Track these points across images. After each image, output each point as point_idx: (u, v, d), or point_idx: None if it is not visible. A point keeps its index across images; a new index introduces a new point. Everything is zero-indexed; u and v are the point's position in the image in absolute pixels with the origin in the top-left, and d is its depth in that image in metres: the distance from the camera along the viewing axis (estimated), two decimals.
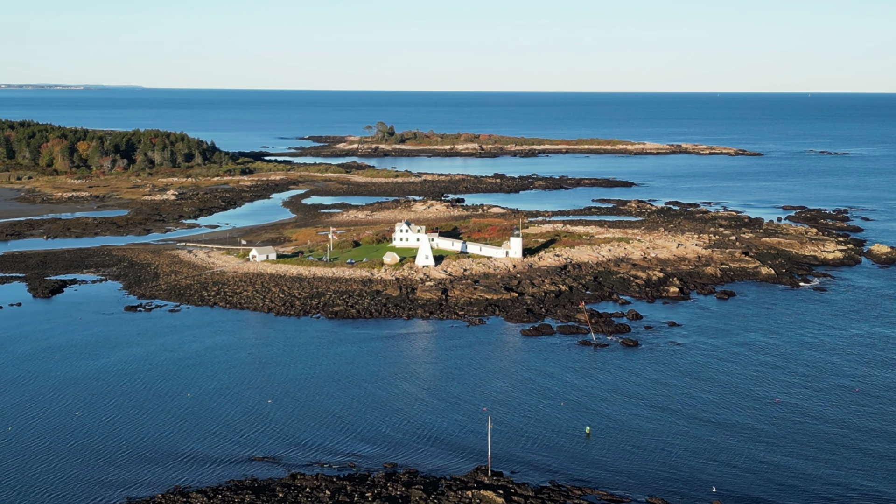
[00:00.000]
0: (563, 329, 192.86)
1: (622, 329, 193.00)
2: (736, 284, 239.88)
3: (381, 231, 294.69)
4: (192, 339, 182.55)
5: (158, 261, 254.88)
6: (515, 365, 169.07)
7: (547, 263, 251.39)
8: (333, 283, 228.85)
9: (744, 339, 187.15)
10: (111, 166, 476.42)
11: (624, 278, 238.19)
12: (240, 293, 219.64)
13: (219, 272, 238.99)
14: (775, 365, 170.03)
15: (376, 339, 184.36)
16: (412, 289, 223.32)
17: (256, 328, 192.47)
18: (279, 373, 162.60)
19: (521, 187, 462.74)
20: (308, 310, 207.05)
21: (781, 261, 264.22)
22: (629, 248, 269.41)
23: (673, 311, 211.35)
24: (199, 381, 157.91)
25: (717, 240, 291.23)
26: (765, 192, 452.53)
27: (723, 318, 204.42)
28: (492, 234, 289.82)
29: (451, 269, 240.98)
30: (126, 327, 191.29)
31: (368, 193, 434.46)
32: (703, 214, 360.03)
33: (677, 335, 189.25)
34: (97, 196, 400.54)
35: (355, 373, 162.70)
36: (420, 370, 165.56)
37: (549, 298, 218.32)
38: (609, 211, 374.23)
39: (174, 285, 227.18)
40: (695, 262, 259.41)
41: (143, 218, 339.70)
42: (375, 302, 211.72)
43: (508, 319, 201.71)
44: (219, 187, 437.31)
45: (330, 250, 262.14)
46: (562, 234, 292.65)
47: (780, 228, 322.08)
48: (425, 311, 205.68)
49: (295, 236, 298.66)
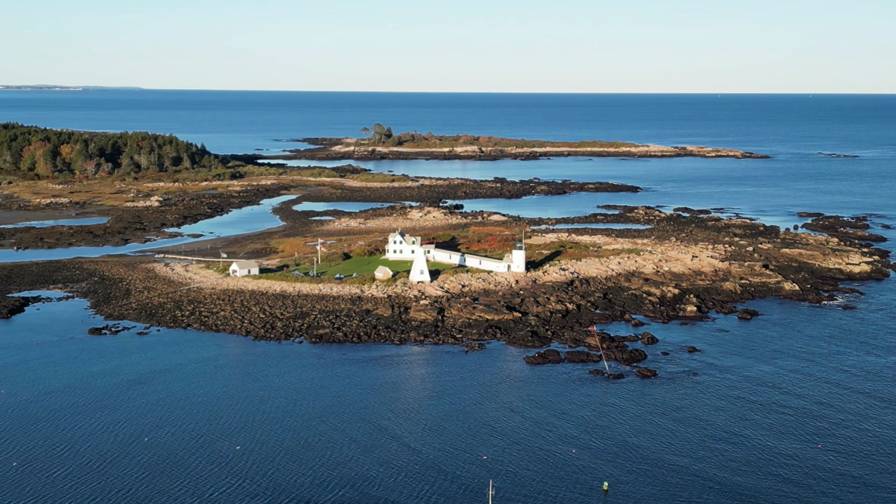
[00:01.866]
0: (572, 356, 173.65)
1: (637, 356, 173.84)
2: (757, 302, 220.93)
3: (373, 242, 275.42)
4: (157, 370, 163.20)
5: (132, 275, 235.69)
6: (520, 400, 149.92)
7: (552, 278, 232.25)
8: (319, 301, 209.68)
9: (774, 368, 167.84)
10: (95, 170, 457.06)
11: (636, 295, 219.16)
12: (216, 313, 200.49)
13: (195, 289, 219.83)
14: (814, 400, 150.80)
15: (364, 369, 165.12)
16: (405, 308, 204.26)
17: (231, 355, 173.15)
18: (251, 412, 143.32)
19: (523, 192, 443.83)
20: (290, 332, 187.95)
21: (804, 274, 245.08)
22: (640, 261, 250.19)
23: (691, 333, 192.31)
24: (160, 422, 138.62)
25: (733, 251, 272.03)
26: (777, 198, 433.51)
27: (747, 342, 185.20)
28: (492, 245, 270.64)
29: (448, 286, 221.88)
30: (86, 355, 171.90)
31: (363, 199, 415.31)
32: (716, 222, 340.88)
33: (698, 363, 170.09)
34: (77, 202, 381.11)
35: (337, 412, 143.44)
36: (412, 408, 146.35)
37: (556, 319, 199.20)
38: (615, 218, 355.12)
39: (146, 304, 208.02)
40: (711, 276, 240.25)
41: (122, 226, 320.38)
42: (365, 323, 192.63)
43: (511, 343, 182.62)
44: (206, 193, 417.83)
45: (317, 264, 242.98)
46: (567, 244, 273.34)
47: (799, 238, 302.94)
48: (419, 334, 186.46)
49: (282, 247, 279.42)
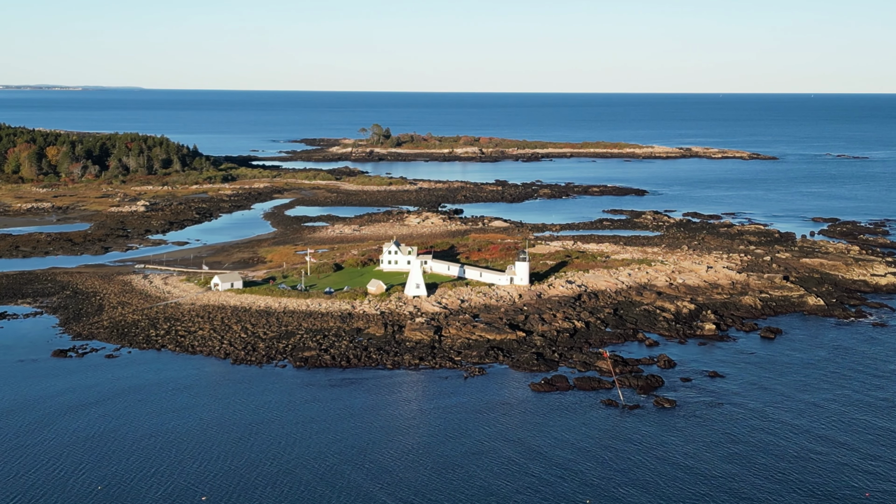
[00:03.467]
0: (583, 382, 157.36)
1: (654, 383, 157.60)
2: (780, 318, 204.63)
3: (367, 251, 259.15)
4: (121, 401, 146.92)
5: (107, 289, 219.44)
6: (526, 437, 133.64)
7: (558, 292, 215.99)
8: (307, 318, 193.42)
9: (806, 398, 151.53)
10: (82, 173, 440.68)
11: (649, 311, 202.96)
12: (194, 332, 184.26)
13: (173, 304, 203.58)
14: (857, 436, 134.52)
15: (352, 398, 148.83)
16: (399, 326, 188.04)
17: (206, 383, 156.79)
18: (222, 454, 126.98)
19: (525, 196, 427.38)
20: (273, 354, 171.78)
21: (828, 287, 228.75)
22: (652, 273, 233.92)
23: (711, 354, 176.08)
24: (117, 466, 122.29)
25: (749, 261, 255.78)
26: (790, 202, 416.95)
27: (773, 366, 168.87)
28: (493, 255, 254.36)
29: (446, 301, 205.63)
30: (45, 381, 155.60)
31: (359, 203, 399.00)
32: (728, 228, 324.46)
33: (722, 392, 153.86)
34: (59, 207, 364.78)
35: (318, 454, 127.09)
36: (404, 451, 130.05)
37: (563, 339, 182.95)
38: (622, 224, 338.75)
39: (118, 321, 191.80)
40: (729, 289, 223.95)
41: (104, 233, 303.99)
42: (355, 344, 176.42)
43: (515, 367, 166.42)
44: (195, 196, 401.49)
45: (307, 276, 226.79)
46: (573, 254, 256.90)
47: (818, 246, 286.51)
48: (414, 357, 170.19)
49: (270, 257, 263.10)
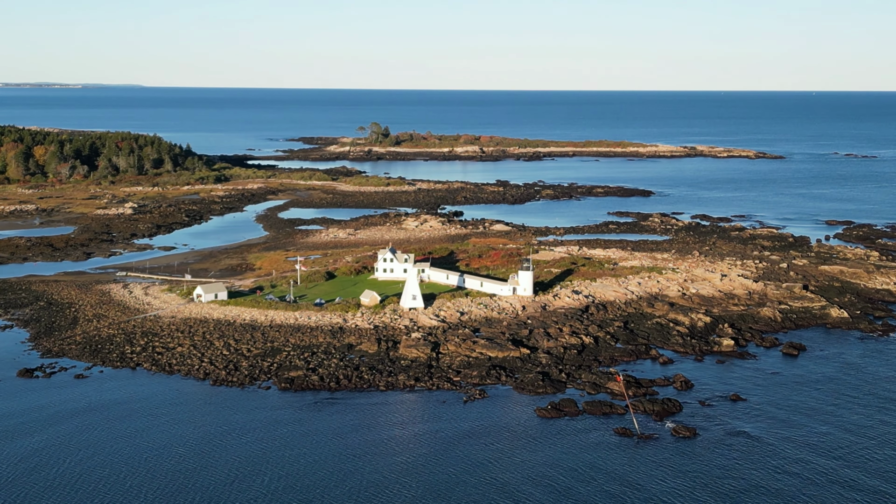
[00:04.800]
0: (593, 407, 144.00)
1: (670, 407, 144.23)
2: (802, 332, 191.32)
3: (361, 258, 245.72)
4: (82, 433, 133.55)
5: (84, 299, 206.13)
6: (533, 471, 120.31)
7: (564, 303, 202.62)
8: (295, 333, 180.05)
9: (838, 423, 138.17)
10: (70, 174, 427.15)
11: (662, 325, 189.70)
12: (172, 349, 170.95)
13: (152, 317, 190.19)
14: None
15: (341, 426, 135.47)
16: (394, 342, 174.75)
17: (180, 410, 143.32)
18: (180, 485, 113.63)
19: (527, 197, 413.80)
20: (257, 374, 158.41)
21: (851, 297, 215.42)
22: (663, 282, 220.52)
23: (730, 373, 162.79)
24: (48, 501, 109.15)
25: (765, 268, 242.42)
26: (800, 203, 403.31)
27: (801, 388, 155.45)
28: (495, 262, 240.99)
29: (444, 313, 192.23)
30: (5, 407, 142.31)
31: (355, 205, 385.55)
32: (739, 232, 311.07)
33: (745, 417, 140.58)
34: (44, 210, 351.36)
35: (300, 489, 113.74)
36: (399, 485, 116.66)
37: (570, 356, 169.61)
38: (629, 227, 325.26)
39: (92, 336, 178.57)
40: (746, 300, 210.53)
41: (87, 237, 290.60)
42: (345, 363, 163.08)
43: (518, 389, 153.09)
44: (186, 198, 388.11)
45: (296, 285, 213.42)
46: (579, 261, 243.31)
47: (835, 251, 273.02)
48: (409, 378, 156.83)
49: (259, 263, 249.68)
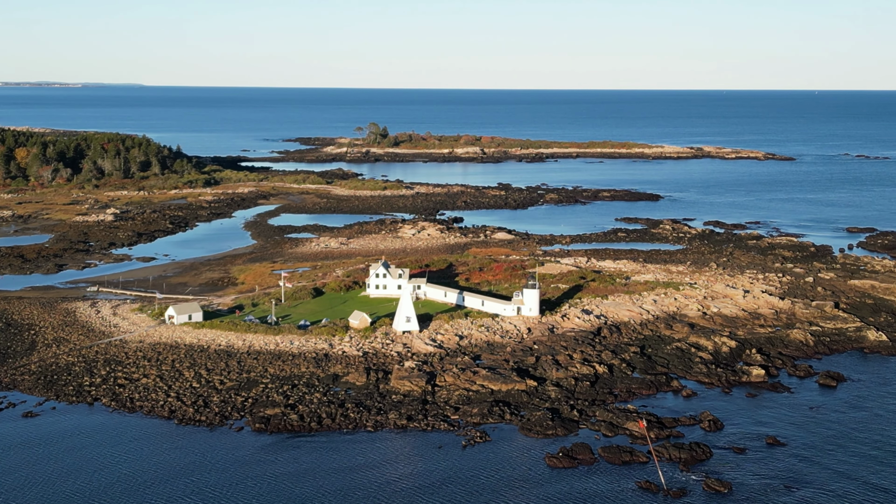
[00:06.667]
0: (611, 454, 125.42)
1: (699, 454, 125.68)
2: (836, 358, 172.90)
3: (353, 272, 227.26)
4: (18, 497, 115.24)
5: (46, 320, 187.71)
6: None
7: (573, 325, 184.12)
8: (274, 361, 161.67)
9: (894, 475, 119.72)
10: (52, 177, 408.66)
11: (682, 350, 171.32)
12: (137, 380, 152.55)
13: (118, 342, 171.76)
14: None
15: (320, 480, 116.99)
16: (385, 372, 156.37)
17: (137, 458, 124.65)
18: None
19: (530, 202, 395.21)
20: (229, 412, 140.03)
21: (887, 317, 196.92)
22: (681, 299, 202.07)
23: (763, 410, 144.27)
24: None
25: (789, 282, 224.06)
26: (817, 208, 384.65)
27: (843, 427, 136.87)
28: (497, 276, 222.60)
29: (441, 337, 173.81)
30: None
31: (350, 210, 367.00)
32: (757, 241, 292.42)
33: (785, 467, 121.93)
34: (21, 216, 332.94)
35: None
36: None
37: (582, 388, 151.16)
38: (639, 236, 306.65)
39: (49, 365, 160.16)
40: (772, 320, 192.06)
41: (63, 247, 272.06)
42: (329, 398, 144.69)
43: (525, 430, 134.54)
44: (172, 203, 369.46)
45: (280, 304, 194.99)
46: (588, 275, 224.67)
47: (861, 262, 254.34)
48: (401, 416, 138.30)
49: (243, 277, 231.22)
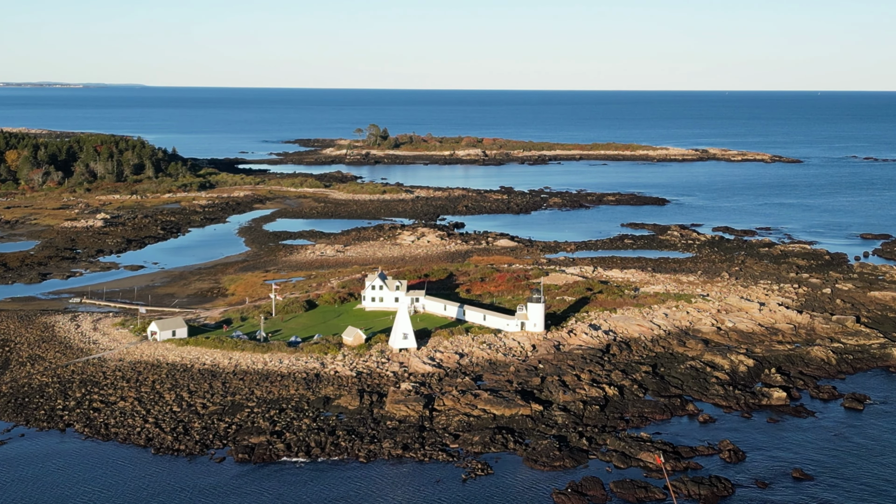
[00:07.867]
0: (624, 490, 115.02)
1: (720, 490, 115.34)
2: (860, 377, 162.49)
3: (348, 282, 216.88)
4: None
5: (22, 336, 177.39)
6: None
7: (581, 341, 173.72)
8: (262, 382, 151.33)
9: None
10: (43, 180, 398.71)
11: (697, 369, 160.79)
12: (113, 404, 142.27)
13: (97, 360, 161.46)
14: None
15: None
16: (380, 395, 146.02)
17: (108, 490, 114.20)
18: None
19: (533, 206, 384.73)
20: (210, 440, 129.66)
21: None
22: (693, 313, 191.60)
23: (787, 438, 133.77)
24: None
25: (806, 294, 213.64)
26: (828, 213, 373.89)
27: (873, 456, 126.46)
28: (499, 287, 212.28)
29: (440, 356, 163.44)
30: None
31: (348, 215, 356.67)
32: (769, 248, 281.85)
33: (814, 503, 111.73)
34: (7, 221, 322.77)
35: None
36: None
37: (591, 413, 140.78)
38: (646, 242, 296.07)
39: (21, 387, 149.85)
40: (791, 336, 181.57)
41: (48, 255, 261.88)
42: (319, 424, 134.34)
43: (530, 461, 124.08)
44: (165, 207, 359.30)
45: (270, 318, 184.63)
46: (595, 286, 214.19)
47: (880, 272, 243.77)
48: (396, 445, 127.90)
49: (233, 288, 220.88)
